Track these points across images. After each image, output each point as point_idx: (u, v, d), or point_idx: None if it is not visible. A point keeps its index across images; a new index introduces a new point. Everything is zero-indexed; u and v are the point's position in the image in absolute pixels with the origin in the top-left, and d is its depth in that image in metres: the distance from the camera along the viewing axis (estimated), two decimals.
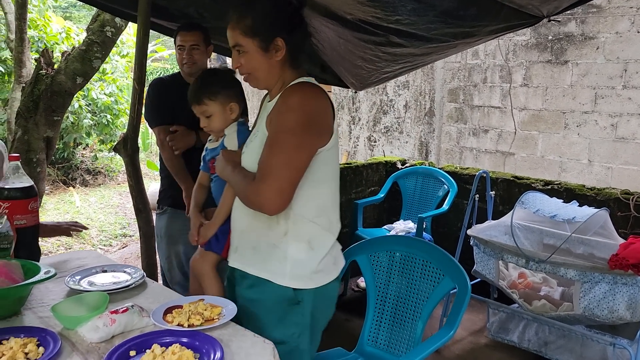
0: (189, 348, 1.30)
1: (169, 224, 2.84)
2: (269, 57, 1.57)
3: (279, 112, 1.54)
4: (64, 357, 1.27)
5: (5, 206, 1.68)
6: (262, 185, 1.48)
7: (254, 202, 1.52)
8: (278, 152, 1.49)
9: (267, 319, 1.58)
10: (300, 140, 1.50)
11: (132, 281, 1.70)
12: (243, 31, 1.55)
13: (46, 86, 3.70)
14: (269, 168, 1.49)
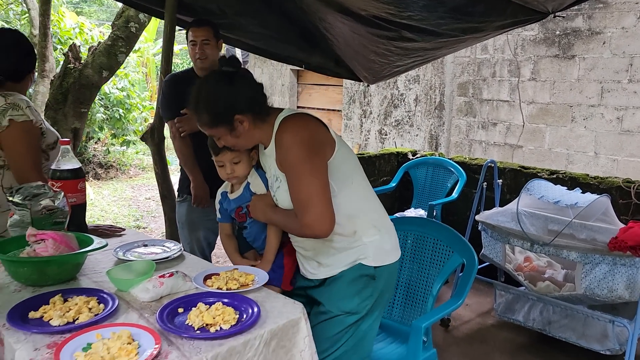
0: (229, 307, 1.48)
1: (189, 211, 2.98)
2: (239, 132, 1.70)
3: (282, 154, 1.69)
4: (122, 313, 1.46)
5: (58, 185, 1.86)
6: (304, 217, 1.65)
7: (307, 233, 1.72)
8: (300, 185, 1.66)
9: (345, 293, 1.77)
10: (311, 165, 1.66)
11: (171, 253, 1.88)
12: (207, 124, 1.71)
13: (74, 79, 3.90)
14: (301, 201, 1.66)
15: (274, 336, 1.42)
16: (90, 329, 1.32)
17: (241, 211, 1.94)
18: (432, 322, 1.89)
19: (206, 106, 1.69)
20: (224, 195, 2.00)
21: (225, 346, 1.31)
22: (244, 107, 1.68)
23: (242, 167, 1.88)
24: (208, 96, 1.70)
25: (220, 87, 1.70)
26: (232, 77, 1.71)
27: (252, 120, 1.70)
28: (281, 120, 1.71)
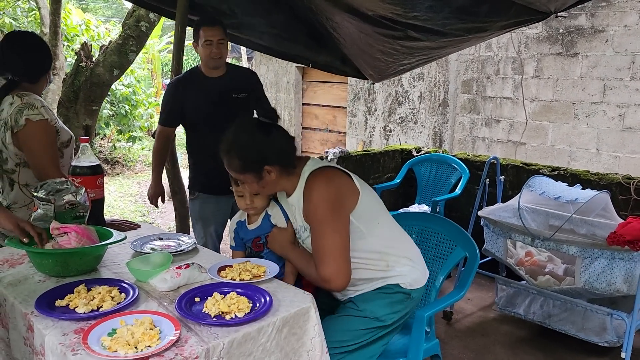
0: (243, 296, 1.56)
1: (201, 208, 3.08)
2: (265, 181, 1.80)
3: (309, 209, 1.79)
4: (142, 301, 1.55)
5: (77, 181, 1.95)
6: (322, 270, 1.76)
7: (322, 285, 1.82)
8: (323, 239, 1.77)
9: (379, 300, 1.88)
10: (334, 223, 1.77)
11: (185, 246, 1.97)
12: (236, 170, 1.80)
13: (86, 78, 3.99)
14: (322, 255, 1.77)
15: (285, 323, 1.51)
16: (114, 316, 1.41)
17: (259, 241, 2.00)
18: (435, 312, 1.97)
19: (239, 152, 1.77)
20: (240, 224, 2.05)
21: (240, 332, 1.40)
22: (275, 160, 1.78)
23: (261, 200, 1.96)
24: (243, 143, 1.78)
25: (256, 136, 1.78)
26: (269, 129, 1.80)
27: (279, 171, 1.80)
28: (309, 175, 1.81)
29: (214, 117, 2.92)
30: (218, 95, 2.91)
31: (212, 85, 2.92)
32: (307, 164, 1.86)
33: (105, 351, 1.25)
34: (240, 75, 3.07)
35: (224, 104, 2.92)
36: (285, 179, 1.84)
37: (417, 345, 1.93)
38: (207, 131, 2.97)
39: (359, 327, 1.86)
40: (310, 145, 8.16)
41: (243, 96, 2.98)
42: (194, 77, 2.97)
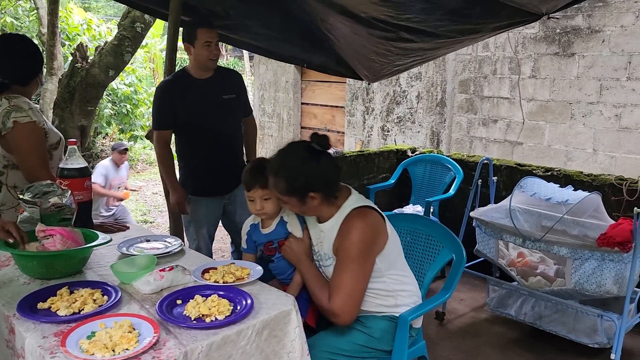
0: (224, 299, 1.58)
1: (193, 210, 3.08)
2: (308, 207, 1.85)
3: (343, 244, 1.82)
4: (125, 304, 1.56)
5: (65, 184, 1.97)
6: (334, 301, 1.80)
7: (328, 314, 1.85)
8: (346, 274, 1.81)
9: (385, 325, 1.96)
10: (363, 264, 1.82)
11: (172, 248, 1.98)
12: (280, 191, 1.83)
13: (81, 78, 4.01)
14: (339, 288, 1.80)
15: (265, 326, 1.52)
16: (94, 319, 1.42)
17: (271, 245, 2.01)
18: (419, 315, 1.98)
19: (287, 176, 1.80)
20: (253, 227, 2.07)
21: (219, 335, 1.41)
22: (321, 187, 1.82)
23: (271, 205, 1.97)
24: (292, 167, 1.81)
25: (306, 163, 1.81)
26: (320, 156, 1.83)
27: (322, 198, 1.84)
28: (351, 211, 1.85)
29: (206, 119, 2.94)
30: (209, 97, 2.92)
31: (202, 87, 2.93)
32: (349, 198, 1.90)
33: (83, 354, 1.27)
34: (228, 77, 3.08)
35: (215, 106, 2.93)
36: (325, 206, 1.88)
37: (400, 347, 1.94)
38: (198, 133, 2.98)
39: (360, 341, 1.92)
40: None
41: (232, 97, 3.00)
42: (183, 79, 2.95)
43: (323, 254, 1.93)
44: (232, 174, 3.02)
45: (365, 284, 1.84)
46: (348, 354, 1.89)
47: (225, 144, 3.02)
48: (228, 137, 3.03)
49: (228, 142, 3.03)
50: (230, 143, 3.05)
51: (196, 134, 2.98)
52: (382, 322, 1.96)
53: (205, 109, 2.92)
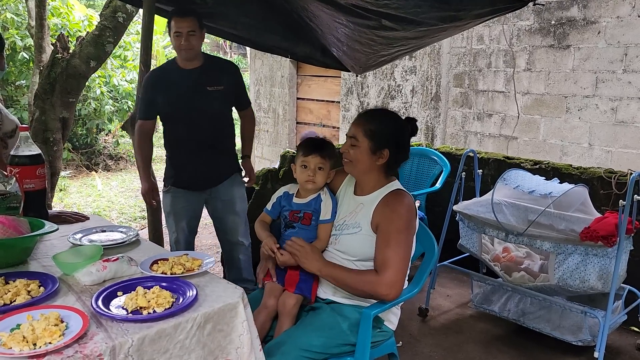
0: (167, 290, 1.49)
1: (173, 201, 3.04)
2: (372, 159, 1.91)
3: (391, 216, 1.86)
4: (62, 296, 1.48)
5: (15, 171, 1.89)
6: (385, 275, 1.81)
7: (378, 290, 1.83)
8: (396, 247, 1.83)
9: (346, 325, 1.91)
10: (408, 237, 1.87)
11: (126, 238, 1.90)
12: (364, 131, 1.91)
13: (62, 69, 3.94)
14: (390, 261, 1.81)
15: (209, 319, 1.43)
16: (22, 311, 1.34)
17: (298, 213, 2.04)
18: (382, 310, 1.89)
19: (381, 120, 1.94)
20: (287, 194, 2.11)
21: (154, 328, 1.32)
22: (395, 151, 1.92)
23: (321, 176, 2.02)
24: (389, 117, 1.98)
25: (401, 125, 1.97)
26: (413, 133, 1.99)
27: (385, 164, 1.94)
28: (397, 189, 1.94)
29: (187, 109, 2.87)
30: (191, 87, 2.85)
31: (186, 77, 2.86)
32: (395, 181, 2.00)
33: (0, 348, 1.19)
34: (217, 67, 2.98)
35: (197, 97, 2.85)
36: (376, 173, 1.96)
37: (363, 344, 1.85)
38: (179, 124, 2.92)
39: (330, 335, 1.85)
40: None
41: (219, 89, 2.90)
42: (169, 68, 2.93)
43: (351, 223, 1.95)
44: (213, 170, 2.96)
45: (409, 257, 1.87)
46: (319, 350, 1.81)
47: (208, 137, 2.92)
48: (211, 131, 2.93)
49: (211, 135, 2.93)
50: (213, 136, 2.95)
51: (177, 124, 2.93)
52: (353, 314, 1.89)
53: (186, 100, 2.86)
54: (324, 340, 1.82)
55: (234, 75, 3.03)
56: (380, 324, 1.96)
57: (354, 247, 1.92)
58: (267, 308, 1.96)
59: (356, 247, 1.91)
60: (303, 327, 1.85)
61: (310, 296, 1.97)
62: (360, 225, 1.93)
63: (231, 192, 3.03)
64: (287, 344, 1.76)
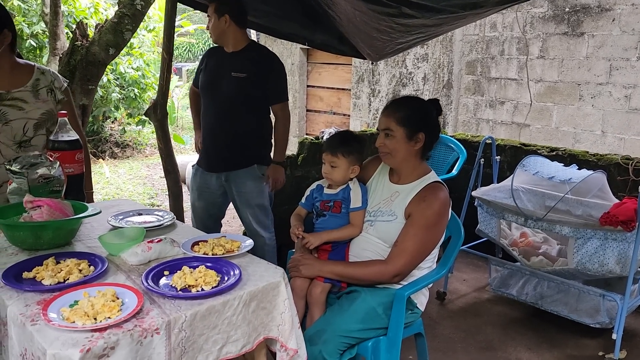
0: (212, 270, 1.55)
1: (193, 178, 3.15)
2: (410, 145, 1.96)
3: (425, 210, 1.93)
4: (111, 274, 1.54)
5: (55, 156, 1.94)
6: (398, 262, 1.92)
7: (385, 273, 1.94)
8: (417, 243, 1.92)
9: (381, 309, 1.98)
10: (434, 235, 1.96)
11: (163, 221, 1.96)
12: (396, 120, 1.95)
13: (81, 57, 3.97)
14: (406, 252, 1.91)
15: (253, 297, 1.49)
16: (78, 288, 1.40)
17: (328, 203, 2.11)
18: (415, 290, 1.95)
19: (412, 107, 2.01)
20: (319, 187, 2.18)
21: (204, 305, 1.38)
22: (430, 134, 1.98)
23: (337, 173, 2.07)
24: (419, 103, 2.04)
25: (431, 108, 2.04)
26: (439, 113, 2.05)
27: (421, 149, 1.99)
28: (437, 182, 2.01)
29: (211, 89, 2.98)
30: (220, 69, 2.95)
31: (220, 59, 2.98)
32: (432, 172, 2.07)
33: (63, 322, 1.25)
34: (251, 56, 2.97)
35: (220, 80, 2.92)
36: (414, 159, 2.01)
37: (396, 323, 1.91)
38: (205, 101, 3.02)
39: (366, 318, 1.92)
40: (315, 127, 8.11)
41: (242, 76, 2.91)
42: (218, 48, 3.06)
43: (386, 210, 2.01)
44: (227, 153, 2.97)
45: (427, 253, 1.96)
46: (357, 335, 1.89)
47: (223, 122, 2.96)
48: (229, 116, 2.96)
49: (227, 120, 2.97)
50: (231, 121, 2.97)
51: (204, 101, 3.06)
52: (387, 297, 1.95)
53: (212, 80, 2.97)
54: (362, 325, 1.89)
55: (267, 67, 2.99)
56: (412, 305, 2.02)
57: (389, 234, 1.97)
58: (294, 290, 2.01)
59: (392, 234, 1.96)
60: (340, 313, 1.90)
61: (340, 284, 2.03)
62: (395, 213, 1.98)
63: (247, 183, 3.00)
64: (327, 332, 1.82)
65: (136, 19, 4.07)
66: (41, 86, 2.27)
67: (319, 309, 1.99)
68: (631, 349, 2.79)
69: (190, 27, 13.77)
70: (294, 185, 3.64)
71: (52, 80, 2.31)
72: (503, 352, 2.76)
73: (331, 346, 1.80)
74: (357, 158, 2.10)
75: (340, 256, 2.07)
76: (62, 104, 2.33)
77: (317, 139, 4.13)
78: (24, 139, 2.16)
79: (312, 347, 1.77)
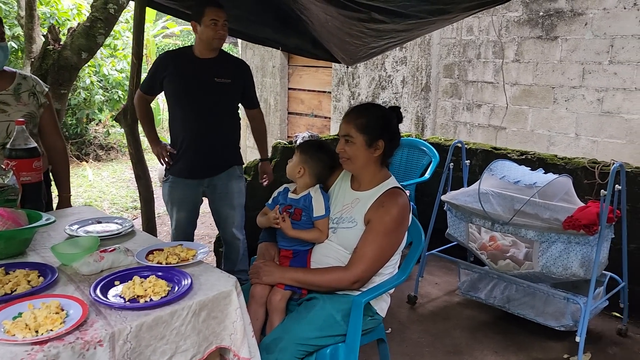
0: (163, 280, 1.55)
1: (171, 191, 3.08)
2: (369, 152, 1.98)
3: (383, 217, 1.94)
4: (61, 285, 1.53)
5: (12, 164, 1.93)
6: (357, 268, 1.93)
7: (344, 280, 1.95)
8: (376, 249, 1.94)
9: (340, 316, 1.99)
10: (393, 241, 1.98)
11: (121, 229, 1.95)
12: (356, 126, 1.97)
13: (53, 61, 3.94)
14: (363, 257, 1.93)
15: (203, 307, 1.49)
16: (24, 300, 1.39)
17: (289, 209, 2.11)
18: (372, 298, 1.96)
19: (371, 114, 2.01)
20: (285, 189, 2.20)
21: (151, 316, 1.38)
22: (389, 141, 2.00)
23: (302, 177, 2.11)
24: (379, 111, 2.04)
25: (390, 115, 2.05)
26: (400, 119, 2.07)
27: (381, 156, 2.01)
28: (393, 188, 2.01)
29: (191, 97, 2.93)
30: (200, 76, 2.90)
31: (197, 65, 2.92)
32: (391, 178, 2.07)
33: (4, 335, 1.24)
34: (229, 62, 3.04)
35: (204, 86, 2.91)
36: (373, 166, 2.03)
37: (354, 329, 1.92)
38: (183, 110, 2.98)
39: (324, 325, 1.92)
40: (297, 130, 8.11)
41: (226, 82, 2.94)
42: (183, 54, 2.99)
43: (347, 217, 2.03)
44: (211, 159, 2.99)
45: (386, 259, 1.98)
46: (315, 343, 1.89)
47: (208, 128, 2.96)
48: (213, 122, 2.97)
49: (211, 125, 2.97)
50: (213, 127, 2.98)
51: (181, 110, 2.99)
52: (346, 304, 1.95)
53: (192, 87, 2.92)
54: (320, 333, 1.89)
55: (245, 74, 3.09)
56: (372, 312, 2.03)
57: (350, 241, 1.98)
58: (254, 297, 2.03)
59: (352, 240, 1.97)
60: (298, 321, 1.90)
61: (301, 291, 2.04)
62: (355, 220, 2.00)
63: (228, 185, 3.06)
64: (284, 340, 1.82)
65: (109, 23, 4.05)
66: (23, 90, 2.37)
67: (279, 316, 1.99)
68: (596, 352, 2.82)
69: (175, 29, 13.71)
70: (265, 189, 3.64)
71: (34, 84, 2.42)
72: (469, 356, 2.78)
73: (288, 354, 1.80)
74: (321, 168, 2.12)
75: (302, 263, 2.08)
76: (44, 108, 2.44)
77: (291, 143, 4.13)
78: (6, 141, 2.16)
79: (269, 356, 1.77)
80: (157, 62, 3.01)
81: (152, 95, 3.09)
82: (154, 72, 2.99)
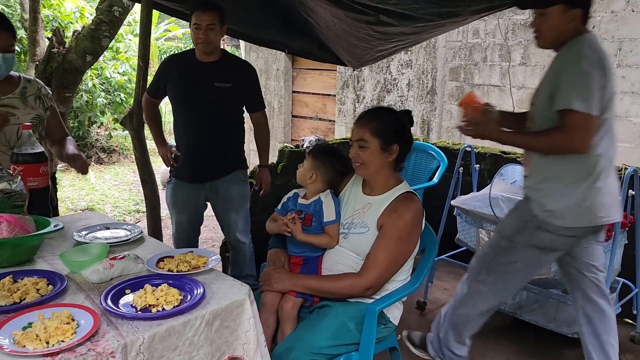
0: (175, 288, 1.51)
1: (173, 193, 3.07)
2: (384, 156, 1.94)
3: (397, 222, 1.91)
4: (70, 294, 1.50)
5: (19, 169, 1.90)
6: (370, 274, 1.89)
7: (357, 286, 1.91)
8: (389, 255, 1.91)
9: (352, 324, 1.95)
10: (406, 247, 1.94)
11: (130, 236, 1.92)
12: (370, 130, 1.93)
13: (58, 64, 3.92)
14: (378, 265, 1.90)
15: (216, 316, 1.45)
16: (33, 309, 1.36)
17: (300, 215, 2.07)
18: (386, 306, 1.92)
19: (386, 118, 1.98)
20: (295, 195, 2.16)
21: (164, 326, 1.34)
22: (403, 145, 1.97)
23: (314, 183, 2.08)
24: (393, 115, 2.02)
25: (404, 119, 2.03)
26: (411, 125, 2.05)
27: (395, 161, 1.98)
28: (409, 192, 1.99)
29: (192, 100, 2.91)
30: (199, 80, 2.88)
31: (198, 69, 2.89)
32: (403, 183, 2.04)
33: (13, 346, 1.20)
34: (231, 65, 2.99)
35: (204, 90, 2.88)
36: (387, 170, 1.99)
37: (368, 338, 1.88)
38: (184, 113, 2.96)
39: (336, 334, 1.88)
40: (301, 133, 8.08)
41: (226, 86, 2.91)
42: (186, 57, 2.98)
43: (358, 222, 1.99)
44: (213, 163, 2.97)
45: (399, 266, 1.94)
46: (328, 352, 1.85)
47: (209, 132, 2.94)
48: (213, 126, 2.94)
49: (212, 130, 2.95)
50: (215, 132, 2.96)
51: (183, 113, 2.98)
52: (359, 312, 1.92)
53: (193, 91, 2.90)
54: (333, 341, 1.85)
55: (248, 76, 3.04)
56: (385, 320, 1.99)
57: (362, 247, 1.94)
58: (265, 305, 1.99)
59: (365, 246, 1.94)
60: (310, 330, 1.86)
61: (312, 298, 2.00)
62: (367, 225, 1.96)
63: (231, 189, 3.04)
64: (296, 349, 1.78)
65: (114, 26, 4.04)
66: (29, 94, 2.38)
67: (291, 325, 1.95)
68: None
69: (178, 32, 13.70)
70: (273, 194, 3.60)
71: (39, 87, 2.44)
72: None
73: None
74: (334, 174, 2.10)
75: (313, 270, 2.05)
76: (50, 111, 2.46)
77: (298, 147, 4.10)
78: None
79: None
80: (161, 65, 3.02)
81: (158, 99, 3.09)
82: (159, 76, 3.00)
